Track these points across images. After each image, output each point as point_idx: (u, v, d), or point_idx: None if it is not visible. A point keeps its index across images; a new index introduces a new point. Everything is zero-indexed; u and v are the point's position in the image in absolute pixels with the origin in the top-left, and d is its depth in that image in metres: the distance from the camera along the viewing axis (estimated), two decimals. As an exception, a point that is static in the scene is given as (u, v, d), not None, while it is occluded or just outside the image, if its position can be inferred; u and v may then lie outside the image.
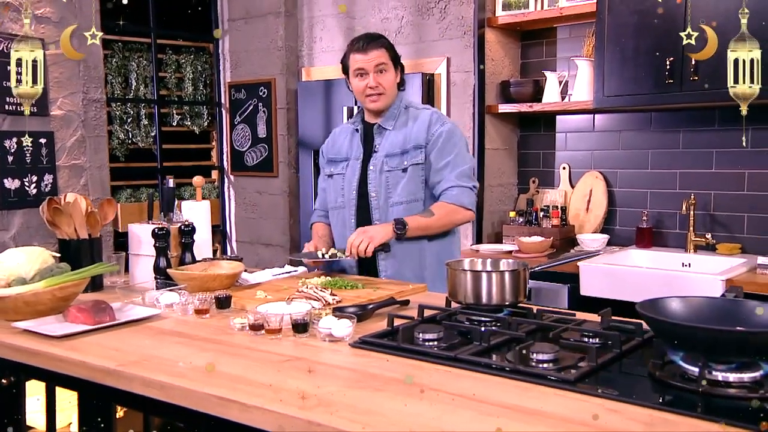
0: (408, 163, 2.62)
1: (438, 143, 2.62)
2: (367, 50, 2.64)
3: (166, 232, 2.41)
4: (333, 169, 2.81)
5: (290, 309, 1.95)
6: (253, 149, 5.00)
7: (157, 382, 1.53)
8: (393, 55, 2.70)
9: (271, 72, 4.83)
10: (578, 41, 3.94)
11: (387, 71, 2.65)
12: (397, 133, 2.67)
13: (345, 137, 2.82)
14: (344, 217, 2.75)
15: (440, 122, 2.66)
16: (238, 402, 1.39)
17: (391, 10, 4.37)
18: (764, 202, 3.49)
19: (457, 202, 2.59)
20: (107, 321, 1.97)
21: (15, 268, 2.06)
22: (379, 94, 2.65)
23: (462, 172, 2.61)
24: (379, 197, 2.65)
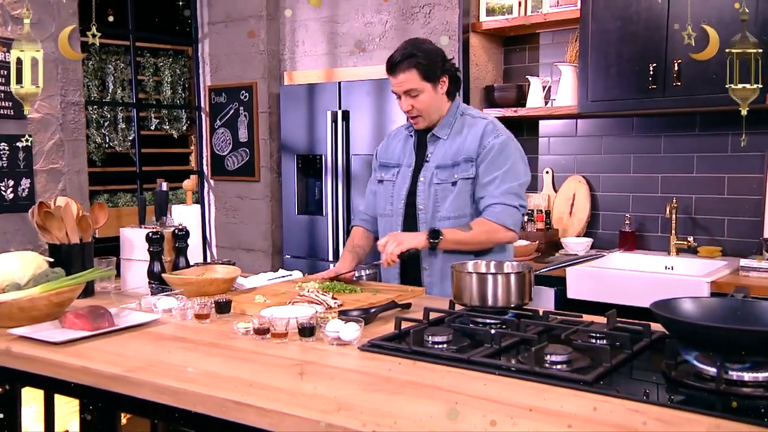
0: (458, 177, 2.49)
1: (488, 156, 2.47)
2: (395, 73, 2.47)
3: (160, 236, 2.38)
4: (384, 175, 2.68)
5: (294, 313, 1.93)
6: (234, 153, 4.95)
7: (169, 388, 1.51)
8: (426, 72, 2.46)
9: (253, 76, 4.79)
10: (561, 47, 3.98)
11: (420, 94, 2.47)
12: (450, 143, 2.53)
13: (399, 142, 2.69)
14: (393, 225, 2.62)
15: (494, 134, 2.50)
16: (256, 407, 1.37)
17: (374, 15, 4.37)
18: (744, 205, 3.55)
19: (498, 221, 2.43)
20: (106, 327, 1.93)
21: (9, 274, 2.02)
22: (416, 116, 2.52)
23: (509, 188, 2.45)
24: (426, 211, 2.53)
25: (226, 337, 1.89)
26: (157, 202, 2.50)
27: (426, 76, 2.46)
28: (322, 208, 4.40)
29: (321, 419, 1.29)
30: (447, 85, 2.53)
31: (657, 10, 3.35)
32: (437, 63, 2.49)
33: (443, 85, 2.51)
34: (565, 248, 3.81)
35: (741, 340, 1.27)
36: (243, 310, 2.13)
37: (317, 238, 4.44)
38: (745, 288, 1.57)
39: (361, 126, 4.19)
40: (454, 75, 2.56)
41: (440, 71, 2.49)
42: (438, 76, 2.49)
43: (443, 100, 2.54)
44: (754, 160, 3.51)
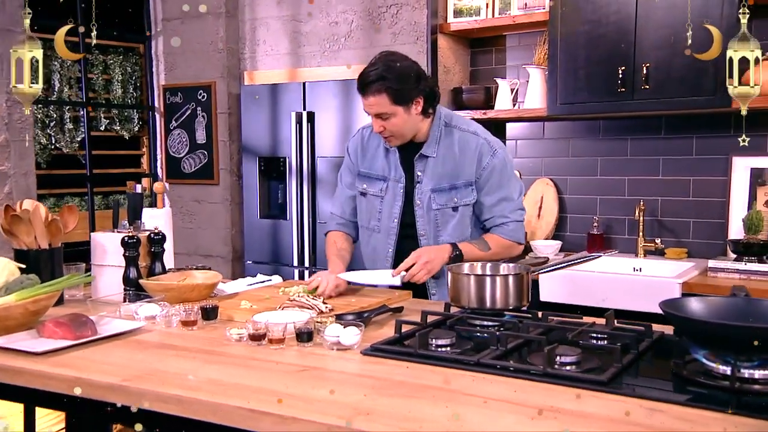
0: (459, 202, 2.48)
1: (491, 178, 2.47)
2: (365, 95, 2.40)
3: (137, 240, 2.33)
4: (367, 187, 2.62)
5: (289, 318, 1.92)
6: (191, 156, 4.88)
7: (174, 396, 1.48)
8: (397, 97, 2.37)
9: (211, 75, 4.73)
10: (528, 49, 4.05)
11: (391, 117, 2.39)
12: (442, 161, 2.49)
13: (378, 147, 2.60)
14: (379, 242, 2.59)
15: (490, 152, 2.48)
16: (272, 414, 1.36)
17: (339, 14, 4.37)
18: (709, 208, 3.68)
19: (514, 238, 2.51)
20: (89, 335, 1.88)
21: (-19, 281, 1.94)
22: (389, 137, 2.46)
23: (516, 204, 2.52)
24: (428, 237, 2.51)
25: (219, 344, 1.86)
26: (131, 205, 2.45)
27: (397, 100, 2.37)
28: (285, 211, 4.37)
29: (342, 425, 1.29)
30: (422, 105, 2.43)
31: (626, 13, 3.44)
32: (410, 85, 2.39)
33: (417, 105, 2.42)
34: (535, 251, 3.87)
35: (755, 338, 1.32)
36: (230, 316, 2.10)
37: (281, 243, 4.41)
38: (743, 287, 1.63)
39: (327, 127, 4.19)
40: (430, 93, 2.47)
41: (414, 92, 2.40)
42: (411, 99, 2.40)
43: (417, 119, 2.46)
44: (718, 162, 3.64)
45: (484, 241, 2.48)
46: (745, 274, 3.20)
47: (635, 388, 1.40)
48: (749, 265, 3.21)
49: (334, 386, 1.51)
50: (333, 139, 4.18)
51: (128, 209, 2.46)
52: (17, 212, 2.24)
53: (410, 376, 1.56)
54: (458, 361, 1.60)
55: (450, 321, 1.86)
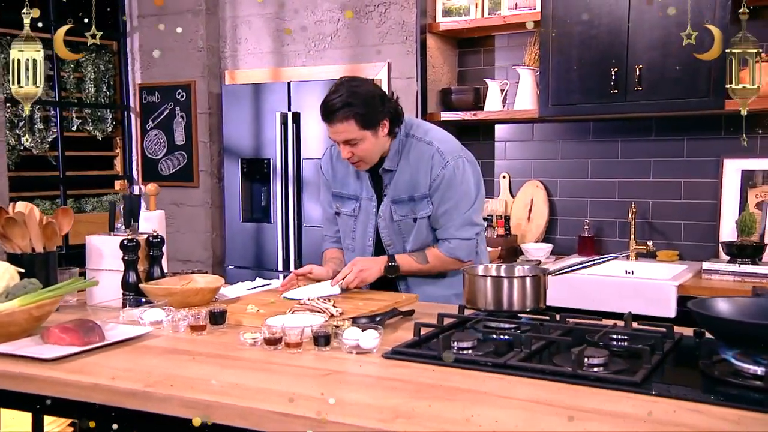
0: (417, 214, 2.54)
1: (439, 189, 2.50)
2: (332, 123, 2.42)
3: (136, 243, 2.31)
4: (340, 206, 2.69)
5: (303, 322, 1.93)
6: (170, 157, 4.85)
7: (202, 402, 1.48)
8: (365, 121, 2.40)
9: (191, 74, 4.71)
10: (517, 50, 4.11)
11: (359, 142, 2.43)
12: (401, 172, 2.54)
13: (348, 167, 2.64)
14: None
15: (442, 163, 2.50)
16: (308, 418, 1.36)
17: (325, 13, 4.39)
18: (699, 210, 3.77)
19: (453, 255, 2.54)
20: (97, 341, 1.87)
21: (-20, 285, 1.92)
22: (358, 162, 2.50)
23: (462, 221, 2.53)
24: (394, 246, 2.59)
25: (233, 349, 1.86)
26: (128, 207, 2.43)
27: (365, 125, 2.40)
28: (269, 214, 4.37)
29: (386, 428, 1.30)
30: (387, 127, 2.48)
31: (618, 14, 3.52)
32: (376, 109, 2.42)
33: (384, 128, 2.47)
34: (526, 254, 3.92)
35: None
36: (238, 321, 2.10)
37: (264, 247, 4.40)
38: (767, 288, 1.68)
39: (313, 129, 4.19)
40: (395, 114, 2.51)
41: (380, 115, 2.44)
42: (377, 122, 2.44)
43: (385, 141, 2.51)
44: (709, 165, 3.73)
45: (424, 254, 2.55)
46: (740, 276, 3.28)
47: (668, 389, 1.44)
48: (743, 267, 3.29)
49: (363, 390, 1.52)
50: (319, 140, 4.18)
51: (124, 211, 2.44)
52: (12, 215, 2.21)
53: (438, 379, 1.58)
54: (485, 364, 1.62)
55: (471, 323, 1.88)
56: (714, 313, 1.53)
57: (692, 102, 3.41)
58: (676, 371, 1.60)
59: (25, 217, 2.23)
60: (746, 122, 3.58)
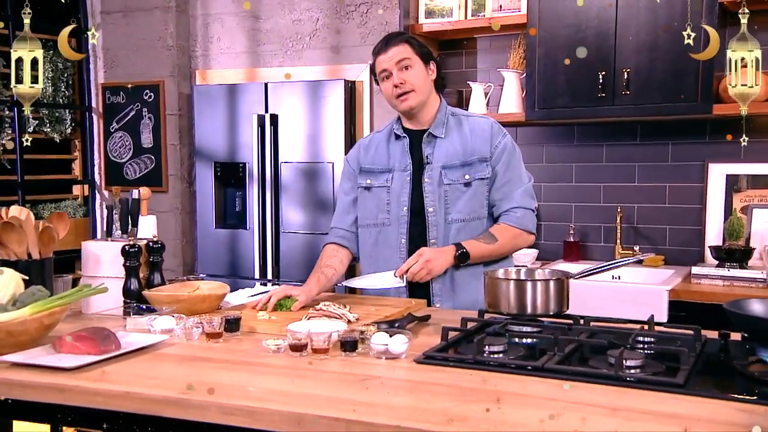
0: (471, 177, 2.57)
1: (503, 157, 2.58)
2: (388, 48, 2.59)
3: (138, 249, 2.32)
4: (372, 181, 2.69)
5: (322, 328, 1.96)
6: (136, 160, 4.81)
7: (244, 408, 1.50)
8: (419, 50, 2.61)
9: (159, 74, 4.69)
10: (500, 52, 4.20)
11: (412, 66, 2.58)
12: (451, 141, 2.62)
13: (380, 145, 2.72)
14: (390, 235, 2.64)
15: (501, 133, 2.63)
16: (362, 422, 1.41)
17: (303, 12, 4.42)
18: (684, 214, 3.91)
19: (522, 225, 2.57)
20: (113, 350, 1.88)
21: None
22: (408, 92, 2.57)
23: (526, 190, 2.61)
24: (437, 213, 2.58)
25: (256, 356, 1.89)
26: (130, 211, 2.43)
27: (419, 52, 2.60)
28: (245, 221, 4.37)
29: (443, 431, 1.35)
30: (435, 73, 2.65)
31: (606, 18, 3.64)
32: (427, 48, 2.66)
33: (432, 72, 2.64)
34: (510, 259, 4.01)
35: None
36: (252, 328, 2.13)
37: (239, 254, 4.40)
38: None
39: (292, 131, 4.22)
40: (441, 69, 2.70)
41: (431, 56, 2.65)
42: (429, 59, 2.63)
43: (432, 87, 2.65)
44: (694, 169, 3.88)
45: (490, 234, 2.55)
46: (729, 280, 3.42)
47: (710, 390, 1.52)
48: (732, 271, 3.44)
49: (406, 394, 1.57)
50: (298, 143, 4.22)
51: (121, 216, 2.44)
52: (9, 219, 2.20)
53: (478, 382, 1.64)
54: (524, 368, 1.69)
55: (500, 327, 1.94)
56: (751, 313, 1.62)
57: (680, 106, 3.55)
58: (712, 372, 1.69)
59: (22, 222, 2.21)
60: (730, 127, 3.76)
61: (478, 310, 2.14)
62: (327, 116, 4.13)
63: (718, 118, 3.65)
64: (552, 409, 1.46)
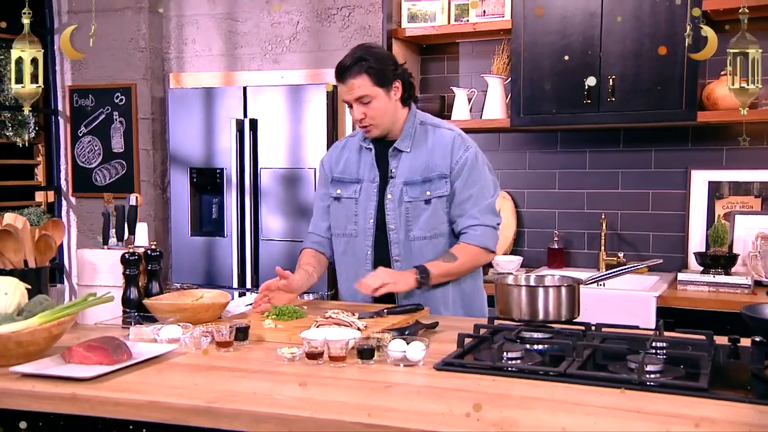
0: (432, 194, 2.62)
1: (462, 172, 2.62)
2: (345, 79, 2.57)
3: (138, 257, 2.34)
4: (341, 191, 2.76)
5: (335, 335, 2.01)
6: (106, 166, 4.79)
7: (277, 416, 1.55)
8: (378, 77, 2.57)
9: (131, 76, 4.68)
10: (483, 57, 4.30)
11: (372, 100, 2.57)
12: (415, 156, 2.65)
13: (352, 153, 2.78)
14: (357, 246, 2.72)
15: (464, 146, 2.65)
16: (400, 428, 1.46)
17: (283, 14, 4.46)
18: (668, 221, 4.04)
19: (482, 244, 2.61)
20: (125, 359, 1.90)
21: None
22: (369, 125, 2.61)
23: (486, 207, 2.65)
24: (398, 231, 2.65)
25: (272, 364, 1.93)
26: (122, 219, 2.45)
27: (378, 81, 2.57)
28: (222, 228, 4.39)
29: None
30: (400, 91, 2.64)
31: (591, 24, 3.75)
32: (388, 66, 2.61)
33: (396, 91, 2.63)
34: (496, 267, 4.10)
35: None
36: (260, 336, 2.16)
37: (216, 263, 4.41)
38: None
39: (271, 136, 4.25)
40: (408, 81, 2.68)
41: (393, 75, 2.62)
42: (390, 81, 2.61)
43: (397, 107, 2.66)
44: (677, 176, 4.01)
45: (451, 254, 2.61)
46: (714, 286, 3.55)
47: (734, 393, 1.61)
48: (717, 277, 3.57)
49: (437, 400, 1.62)
50: (278, 149, 4.25)
51: (117, 223, 2.46)
52: (5, 227, 2.20)
53: (503, 388, 1.70)
54: (546, 373, 1.76)
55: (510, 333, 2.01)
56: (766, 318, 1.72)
57: (665, 113, 3.68)
58: (730, 376, 1.78)
59: (18, 230, 2.22)
60: (713, 134, 3.91)
61: (488, 317, 2.20)
62: (308, 121, 4.17)
63: (700, 125, 3.79)
64: (590, 414, 1.52)
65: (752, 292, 3.46)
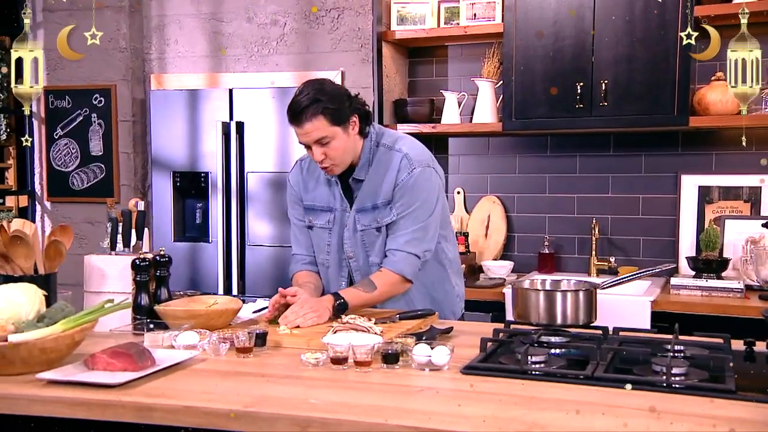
0: (380, 223, 2.70)
1: (398, 194, 2.66)
2: (301, 123, 2.56)
3: (149, 263, 2.39)
4: (313, 219, 2.83)
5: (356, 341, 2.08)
6: (84, 170, 4.79)
7: (318, 419, 1.61)
8: (335, 117, 2.57)
9: (110, 77, 4.69)
10: (472, 61, 4.39)
11: (331, 140, 2.58)
12: (369, 182, 2.71)
13: (320, 184, 2.81)
14: (331, 276, 2.81)
15: (407, 169, 2.67)
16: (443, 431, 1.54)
17: (269, 16, 4.52)
18: (658, 225, 4.18)
19: (397, 270, 2.65)
20: (150, 366, 1.95)
21: (14, 310, 1.95)
22: (331, 165, 2.64)
23: (414, 232, 2.66)
24: (357, 258, 2.75)
25: (297, 369, 1.99)
26: (129, 225, 2.49)
27: (335, 120, 2.57)
28: (207, 233, 4.42)
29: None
30: (358, 125, 2.65)
31: (582, 28, 3.86)
32: (344, 104, 2.60)
33: (354, 126, 2.64)
34: (487, 272, 4.20)
35: None
36: (278, 342, 2.23)
37: (201, 269, 4.44)
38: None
39: (259, 140, 4.30)
40: (364, 112, 2.69)
41: (349, 111, 2.62)
42: (347, 118, 2.61)
43: (357, 141, 2.68)
44: (667, 180, 4.15)
45: (370, 281, 2.65)
46: (707, 290, 3.68)
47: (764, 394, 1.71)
48: (710, 281, 3.71)
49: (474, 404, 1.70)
50: (266, 152, 4.30)
51: (124, 229, 2.50)
52: (17, 232, 2.24)
53: (534, 392, 1.79)
54: (576, 377, 1.85)
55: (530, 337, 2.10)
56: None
57: (658, 118, 3.81)
58: (752, 378, 1.89)
59: (29, 236, 2.26)
60: (703, 139, 4.05)
61: (505, 321, 2.29)
62: (296, 124, 4.23)
63: (690, 130, 3.93)
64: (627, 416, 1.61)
65: (745, 296, 3.60)
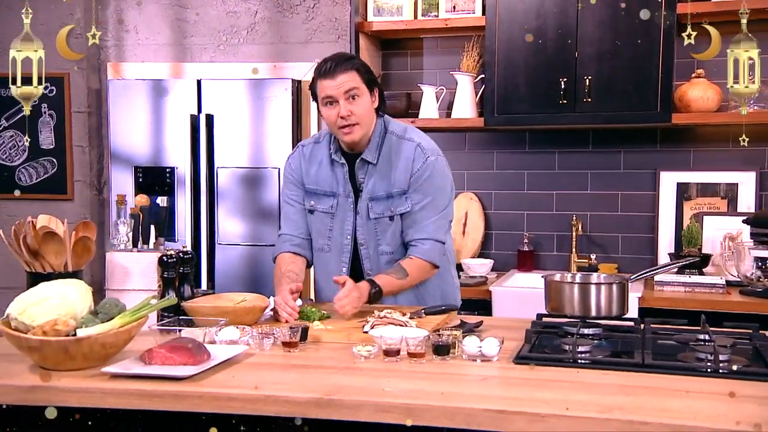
0: (394, 212, 2.91)
1: (417, 183, 2.90)
2: (335, 74, 2.79)
3: (176, 260, 2.55)
4: (315, 203, 3.02)
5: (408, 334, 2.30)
6: (32, 164, 4.84)
7: (400, 405, 1.83)
8: (367, 78, 2.86)
9: (62, 65, 4.74)
10: (449, 54, 4.63)
11: (360, 96, 2.82)
12: (381, 169, 2.93)
13: (323, 167, 3.02)
14: (329, 262, 3.02)
15: (422, 158, 2.91)
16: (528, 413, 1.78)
17: (239, 3, 4.67)
18: (637, 222, 4.51)
19: (429, 258, 2.90)
20: (206, 360, 2.13)
21: (69, 306, 2.10)
22: (353, 125, 2.83)
23: (438, 219, 2.94)
24: (368, 246, 2.97)
25: (350, 361, 2.20)
26: (152, 220, 2.64)
27: (366, 80, 2.86)
28: (173, 232, 4.53)
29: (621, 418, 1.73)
30: (377, 100, 2.93)
31: (566, 23, 4.15)
32: (372, 74, 2.92)
33: (375, 98, 2.92)
34: (467, 270, 4.45)
35: None
36: (317, 338, 2.43)
37: (166, 269, 4.56)
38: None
39: (229, 133, 4.44)
40: (382, 92, 2.99)
41: (374, 83, 2.92)
42: (373, 87, 2.91)
43: (374, 115, 2.94)
44: (645, 177, 4.48)
45: (402, 268, 2.88)
46: (690, 286, 4.02)
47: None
48: (693, 277, 4.05)
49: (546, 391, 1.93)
50: (238, 147, 4.45)
51: (142, 226, 2.65)
52: (52, 230, 2.37)
53: (594, 379, 2.03)
54: (630, 364, 2.11)
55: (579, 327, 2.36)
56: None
57: (641, 114, 4.13)
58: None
59: (62, 233, 2.39)
60: (681, 136, 4.41)
61: (537, 314, 2.55)
62: (271, 118, 4.40)
63: (669, 127, 4.26)
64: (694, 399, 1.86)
65: (726, 292, 3.95)
